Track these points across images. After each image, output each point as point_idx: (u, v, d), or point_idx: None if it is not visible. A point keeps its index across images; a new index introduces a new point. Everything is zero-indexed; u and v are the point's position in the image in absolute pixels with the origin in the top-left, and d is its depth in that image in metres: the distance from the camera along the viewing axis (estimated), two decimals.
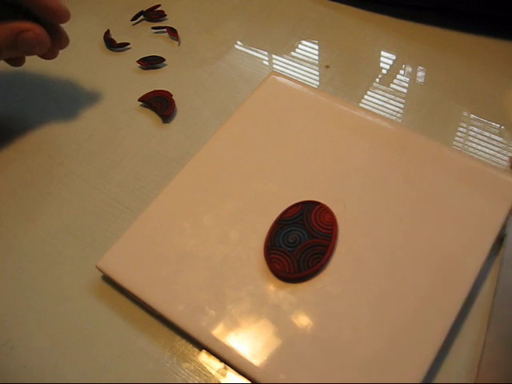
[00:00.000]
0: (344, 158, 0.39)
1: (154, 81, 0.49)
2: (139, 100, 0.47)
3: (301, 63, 0.49)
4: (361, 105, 0.45)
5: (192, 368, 0.33)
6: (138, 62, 0.50)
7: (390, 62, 0.49)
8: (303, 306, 0.33)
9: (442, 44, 0.49)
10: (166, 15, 0.54)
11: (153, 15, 0.54)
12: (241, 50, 0.51)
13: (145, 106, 0.47)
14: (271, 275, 0.34)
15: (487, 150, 0.42)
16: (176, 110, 0.47)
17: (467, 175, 0.37)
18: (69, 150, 0.45)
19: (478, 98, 0.45)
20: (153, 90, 0.47)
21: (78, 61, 0.51)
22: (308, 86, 0.44)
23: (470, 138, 0.42)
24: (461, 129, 0.43)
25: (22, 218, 0.41)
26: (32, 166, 0.44)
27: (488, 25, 0.49)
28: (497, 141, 0.42)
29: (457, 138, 0.43)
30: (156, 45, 0.52)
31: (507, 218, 0.35)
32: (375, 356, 0.31)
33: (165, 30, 0.53)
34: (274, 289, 0.34)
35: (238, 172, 0.39)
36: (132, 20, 0.54)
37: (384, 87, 0.46)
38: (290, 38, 0.51)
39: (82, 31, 0.54)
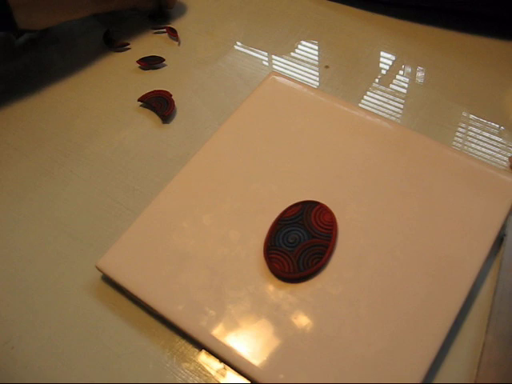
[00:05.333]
0: (344, 158, 0.39)
1: (154, 81, 0.49)
2: (139, 100, 0.47)
3: (300, 63, 0.49)
4: (360, 105, 0.45)
5: (192, 368, 0.33)
6: (137, 62, 0.50)
7: (390, 62, 0.49)
8: (303, 306, 0.33)
9: (442, 44, 0.49)
10: (169, 18, 0.54)
11: (157, 18, 0.54)
12: (240, 51, 0.51)
13: (145, 106, 0.47)
14: (271, 275, 0.34)
15: (487, 150, 0.42)
16: (176, 110, 0.47)
17: (467, 175, 0.37)
18: (69, 150, 0.45)
19: (478, 97, 0.45)
20: (152, 90, 0.47)
21: (77, 61, 0.51)
22: (308, 86, 0.44)
23: (470, 139, 0.42)
24: (460, 129, 0.43)
25: (21, 218, 0.41)
26: (32, 166, 0.44)
27: (488, 25, 0.49)
28: (496, 141, 0.42)
29: (456, 138, 0.43)
30: (156, 45, 0.52)
31: (507, 218, 0.35)
32: (375, 356, 0.31)
33: (164, 30, 0.53)
34: (273, 289, 0.34)
35: (237, 172, 0.39)
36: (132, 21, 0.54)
37: (384, 87, 0.46)
38: (289, 38, 0.51)
39: (81, 31, 0.54)
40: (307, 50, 0.50)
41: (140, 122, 0.46)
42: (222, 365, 0.33)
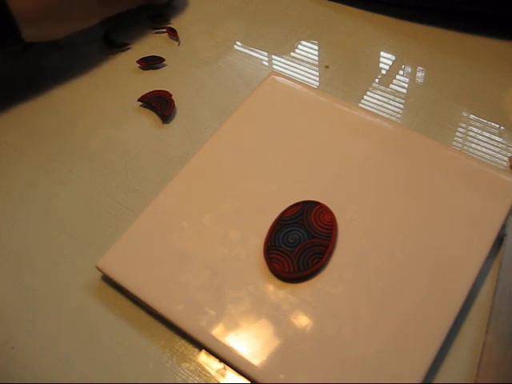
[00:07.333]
0: (344, 158, 0.39)
1: (154, 81, 0.49)
2: (139, 100, 0.47)
3: (300, 63, 0.49)
4: (360, 105, 0.45)
5: (192, 368, 0.33)
6: (137, 62, 0.50)
7: (390, 62, 0.49)
8: (303, 306, 0.33)
9: (442, 44, 0.49)
10: (169, 19, 0.54)
11: (157, 18, 0.54)
12: (240, 51, 0.51)
13: (145, 106, 0.47)
14: (271, 275, 0.34)
15: (487, 150, 0.42)
16: (176, 110, 0.47)
17: (467, 175, 0.37)
18: (69, 149, 0.45)
19: (478, 97, 0.45)
20: (153, 90, 0.47)
21: (77, 61, 0.51)
22: (308, 86, 0.44)
23: (470, 139, 0.42)
24: (460, 129, 0.43)
25: (21, 218, 0.41)
26: (32, 166, 0.44)
27: (488, 25, 0.49)
28: (496, 141, 0.42)
29: (456, 138, 0.43)
30: (156, 45, 0.52)
31: (507, 218, 0.35)
32: (375, 356, 0.31)
33: (164, 30, 0.53)
34: (273, 289, 0.34)
35: (237, 172, 0.39)
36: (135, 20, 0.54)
37: (384, 87, 0.46)
38: (289, 38, 0.51)
39: (82, 31, 0.54)
40: (307, 49, 0.50)
41: (140, 122, 0.46)
42: (221, 365, 0.33)
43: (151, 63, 0.50)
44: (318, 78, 0.48)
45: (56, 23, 0.45)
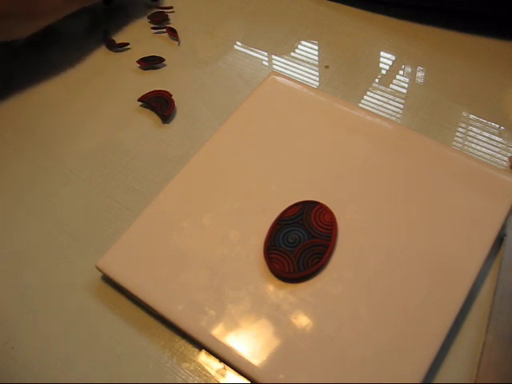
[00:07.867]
0: (344, 158, 0.39)
1: (154, 81, 0.49)
2: (139, 100, 0.47)
3: (300, 63, 0.49)
4: (360, 105, 0.45)
5: (192, 368, 0.33)
6: (137, 62, 0.50)
7: (390, 62, 0.49)
8: (303, 306, 0.33)
9: (442, 44, 0.49)
10: (169, 19, 0.54)
11: (156, 18, 0.54)
12: (240, 51, 0.51)
13: (145, 106, 0.47)
14: (271, 275, 0.34)
15: (487, 150, 0.42)
16: (176, 110, 0.47)
17: (467, 175, 0.37)
18: (69, 150, 0.45)
19: (478, 98, 0.45)
20: (152, 90, 0.47)
21: (77, 61, 0.51)
22: (308, 86, 0.44)
23: (470, 139, 0.42)
24: (460, 129, 0.43)
25: (21, 218, 0.41)
26: (31, 166, 0.44)
27: (488, 25, 0.49)
28: (496, 141, 0.42)
29: (456, 138, 0.43)
30: (156, 45, 0.52)
31: (507, 218, 0.35)
32: (375, 356, 0.31)
33: (164, 30, 0.53)
34: (273, 289, 0.34)
35: (237, 172, 0.39)
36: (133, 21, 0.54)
37: (384, 87, 0.46)
38: (289, 39, 0.51)
39: (81, 31, 0.54)
40: (307, 49, 0.50)
41: (140, 122, 0.46)
42: (222, 365, 0.33)
43: (151, 63, 0.50)
44: (318, 78, 0.48)
45: (16, 21, 0.44)
